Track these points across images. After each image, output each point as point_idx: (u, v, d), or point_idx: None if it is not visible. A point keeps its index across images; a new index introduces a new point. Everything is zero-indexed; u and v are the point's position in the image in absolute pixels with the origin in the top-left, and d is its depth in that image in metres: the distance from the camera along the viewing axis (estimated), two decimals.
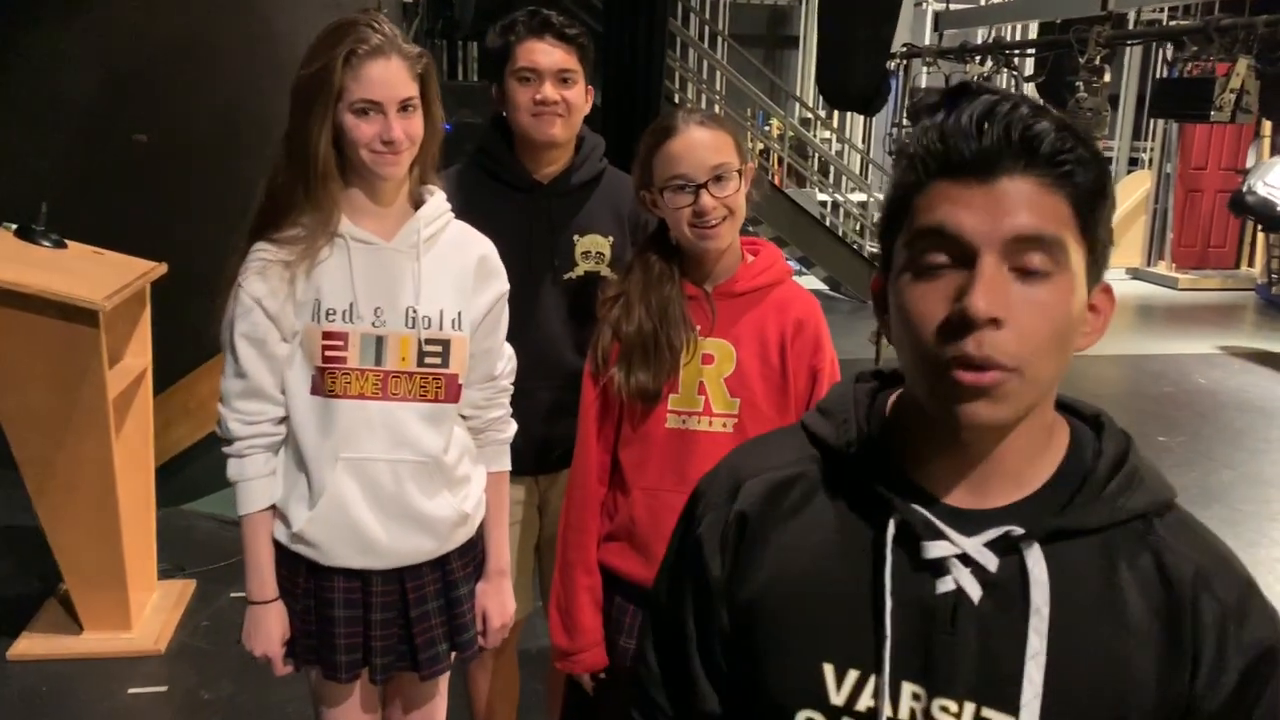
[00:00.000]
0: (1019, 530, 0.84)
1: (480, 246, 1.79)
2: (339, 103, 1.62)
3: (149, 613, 3.45)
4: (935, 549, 0.85)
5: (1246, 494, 4.95)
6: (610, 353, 1.76)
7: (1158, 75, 9.60)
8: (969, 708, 0.83)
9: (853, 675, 0.87)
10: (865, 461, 0.91)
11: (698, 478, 1.66)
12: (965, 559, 0.84)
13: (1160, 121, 10.07)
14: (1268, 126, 8.28)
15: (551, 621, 1.87)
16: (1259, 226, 6.33)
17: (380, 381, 1.70)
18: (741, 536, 0.94)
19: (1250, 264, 10.64)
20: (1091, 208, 0.82)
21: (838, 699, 0.87)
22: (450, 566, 1.82)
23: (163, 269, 3.47)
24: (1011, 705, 0.82)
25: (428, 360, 1.72)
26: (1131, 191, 11.31)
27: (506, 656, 2.41)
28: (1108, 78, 5.30)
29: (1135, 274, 11.05)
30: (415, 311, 1.70)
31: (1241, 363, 7.51)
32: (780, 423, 1.72)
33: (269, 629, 1.76)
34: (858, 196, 10.62)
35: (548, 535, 2.28)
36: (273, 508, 1.75)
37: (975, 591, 0.84)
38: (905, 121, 6.98)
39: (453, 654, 1.86)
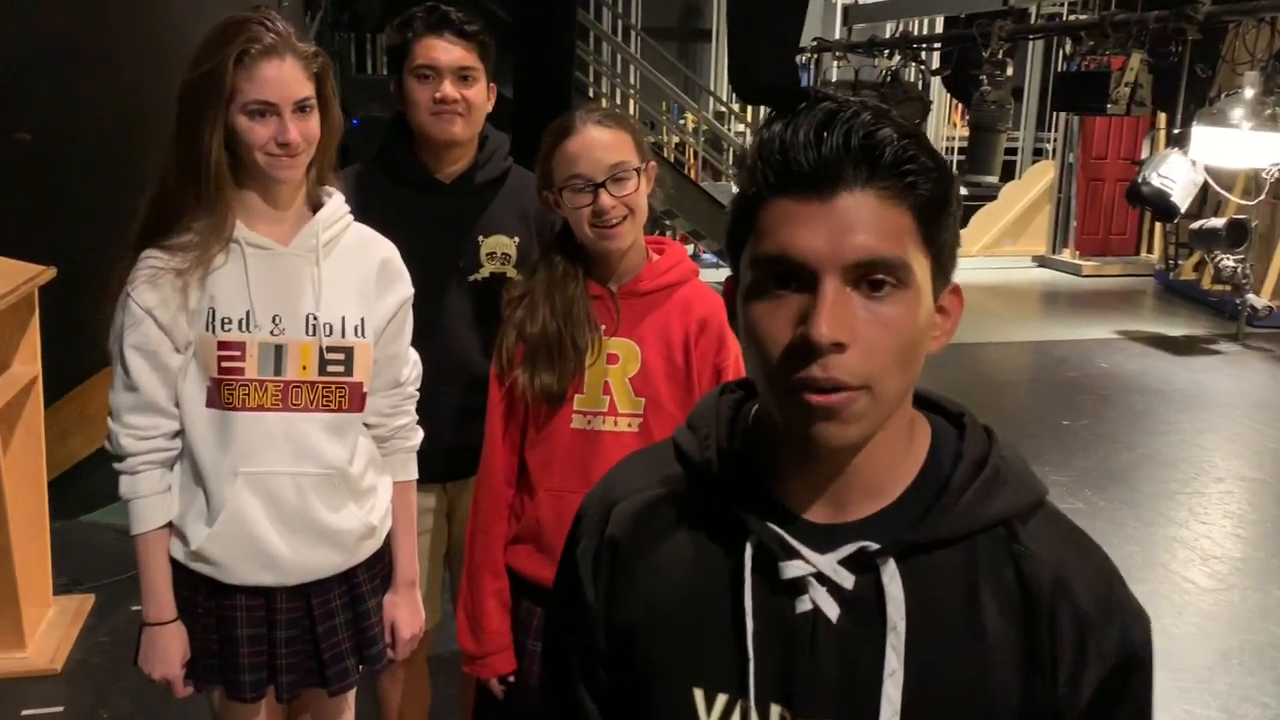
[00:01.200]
0: (874, 546, 0.83)
1: (382, 250, 1.75)
2: (231, 104, 1.56)
3: (44, 629, 3.31)
4: (792, 569, 0.84)
5: (1146, 474, 5.11)
6: (515, 354, 1.74)
7: (1058, 69, 9.86)
8: None
9: (722, 699, 0.86)
10: (725, 480, 0.89)
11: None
12: (821, 578, 0.83)
13: (1062, 113, 10.35)
14: (1163, 119, 8.57)
15: (459, 626, 1.85)
16: (1156, 218, 6.55)
17: (280, 392, 1.64)
18: (615, 561, 0.93)
19: (1150, 250, 11.01)
20: (935, 217, 0.81)
21: None
22: (357, 580, 1.78)
23: (51, 273, 3.33)
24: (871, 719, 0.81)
25: (330, 369, 1.67)
26: (1036, 181, 11.62)
27: (416, 666, 2.37)
28: (1010, 71, 5.42)
29: (1041, 261, 11.34)
30: (316, 318, 1.65)
31: (1141, 347, 7.76)
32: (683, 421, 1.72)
33: (167, 650, 1.70)
34: None
35: (457, 543, 2.24)
36: (169, 525, 1.68)
37: (833, 610, 0.83)
38: None
39: (360, 667, 1.82)
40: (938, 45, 6.36)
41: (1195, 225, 7.87)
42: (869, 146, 0.78)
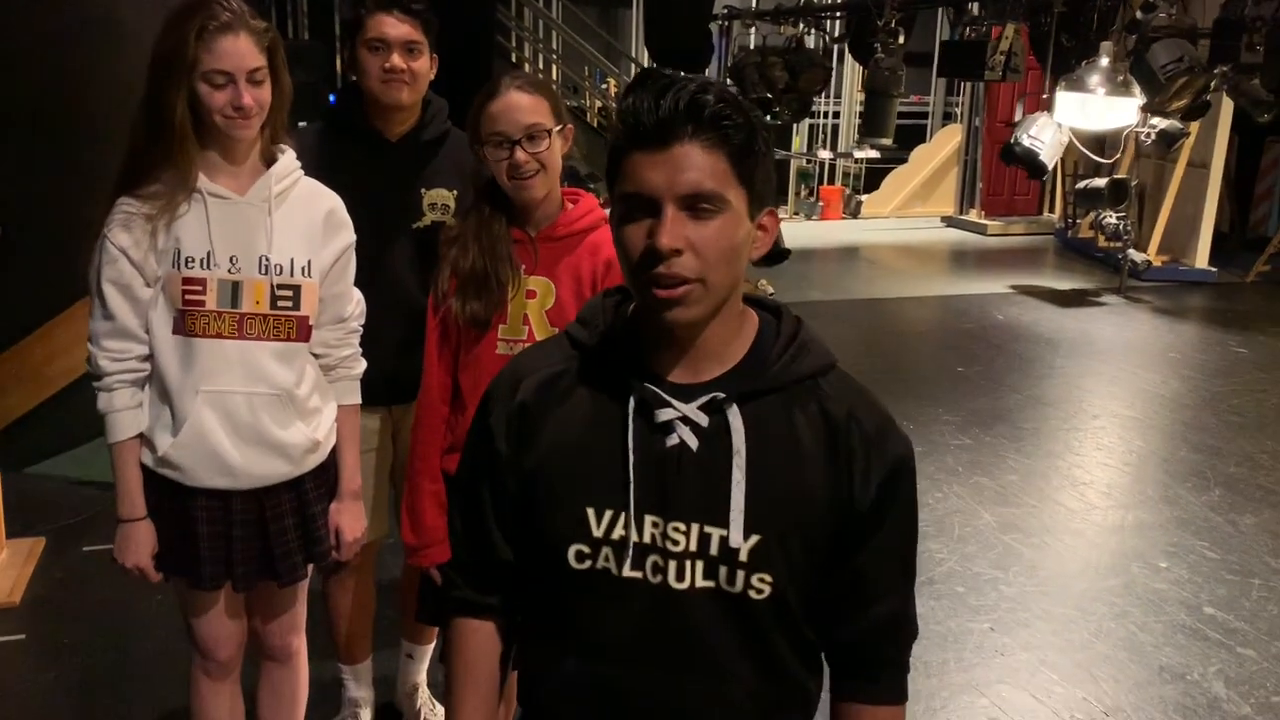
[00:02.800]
0: (721, 395, 1.16)
1: (328, 201, 2.02)
2: (193, 73, 1.81)
3: None
4: (663, 414, 1.16)
5: (1030, 414, 5.56)
6: (449, 286, 2.02)
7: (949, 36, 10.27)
8: (694, 527, 1.15)
9: (608, 514, 1.17)
10: (611, 355, 1.20)
11: None
12: (685, 420, 1.15)
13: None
14: (1038, 84, 9.01)
15: (403, 523, 2.14)
16: (1029, 176, 6.99)
17: (236, 322, 1.91)
18: (523, 420, 1.23)
19: (1051, 210, 11.56)
20: (745, 159, 1.11)
21: (598, 532, 1.17)
22: (305, 488, 2.05)
23: None
24: (723, 521, 1.14)
25: (280, 304, 1.93)
26: (945, 144, 12.09)
27: (363, 576, 2.64)
28: (903, 39, 5.75)
29: (949, 222, 11.83)
30: (268, 260, 1.91)
31: (1035, 300, 8.26)
32: None
33: (138, 544, 1.97)
34: None
35: (402, 461, 2.51)
36: (140, 436, 1.94)
37: (694, 442, 1.15)
38: (730, 81, 7.37)
39: (309, 565, 2.10)
40: (839, 14, 6.69)
41: (1080, 185, 8.37)
42: (693, 108, 1.08)
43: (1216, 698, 3.06)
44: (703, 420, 1.15)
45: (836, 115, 12.40)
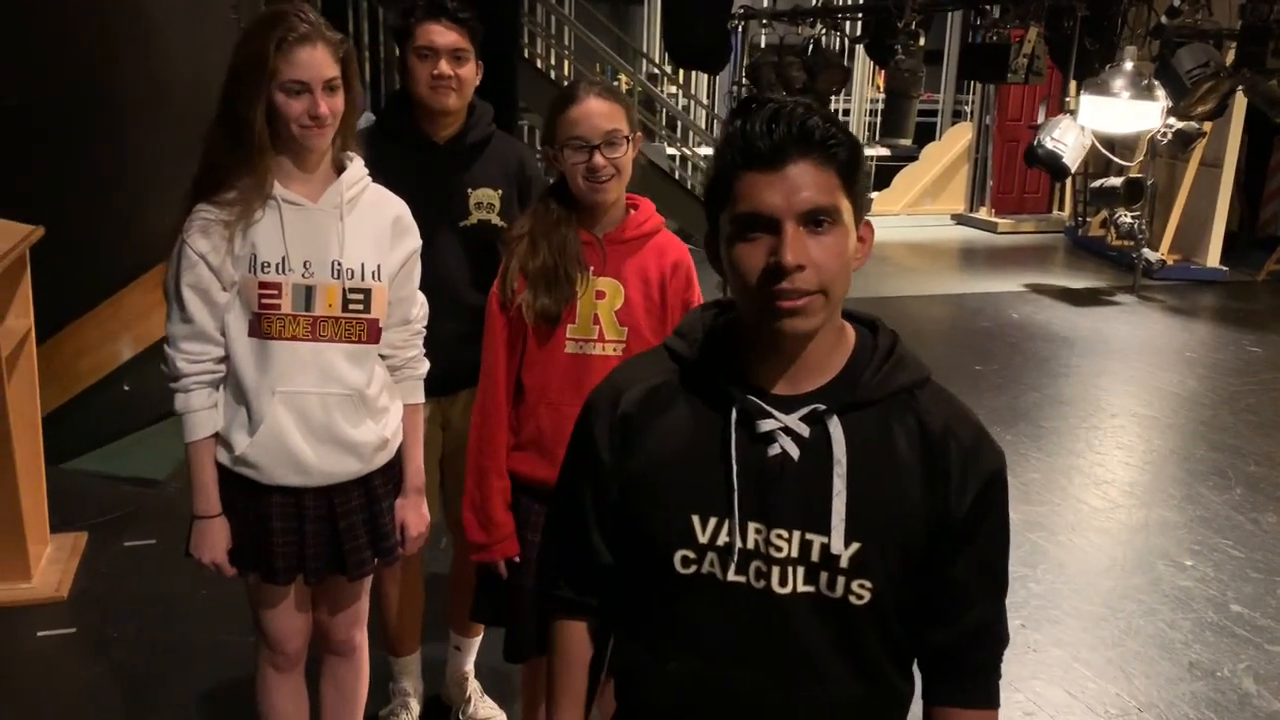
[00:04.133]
0: (822, 407, 1.20)
1: (395, 207, 2.07)
2: (271, 83, 1.86)
3: (45, 564, 3.57)
4: (765, 425, 1.20)
5: (1049, 413, 5.62)
6: (517, 283, 2.06)
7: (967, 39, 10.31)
8: (797, 534, 1.20)
9: (713, 521, 1.22)
10: (711, 367, 1.25)
11: None
12: (787, 430, 1.20)
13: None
14: (1059, 87, 9.06)
15: (466, 522, 2.17)
16: (1051, 178, 7.04)
17: (310, 325, 1.96)
18: (626, 430, 1.28)
19: (1061, 208, 11.60)
20: (852, 174, 1.17)
21: (703, 538, 1.22)
22: (373, 485, 2.11)
23: (41, 232, 3.56)
24: (824, 528, 1.19)
25: (351, 307, 1.99)
26: (955, 142, 12.11)
27: (413, 568, 2.70)
28: (923, 41, 5.80)
29: (959, 220, 11.86)
30: (340, 265, 1.96)
31: (1048, 299, 8.31)
32: None
33: (214, 540, 2.02)
34: (705, 151, 11.03)
35: (450, 450, 2.58)
36: (215, 435, 1.99)
37: (795, 452, 1.20)
38: (745, 80, 7.40)
39: (376, 559, 2.16)
40: (858, 14, 6.73)
41: (1095, 184, 8.41)
42: (805, 131, 1.14)
43: (1247, 694, 3.11)
44: (804, 431, 1.20)
45: (847, 113, 12.44)
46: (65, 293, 4.52)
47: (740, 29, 7.44)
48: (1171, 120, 7.01)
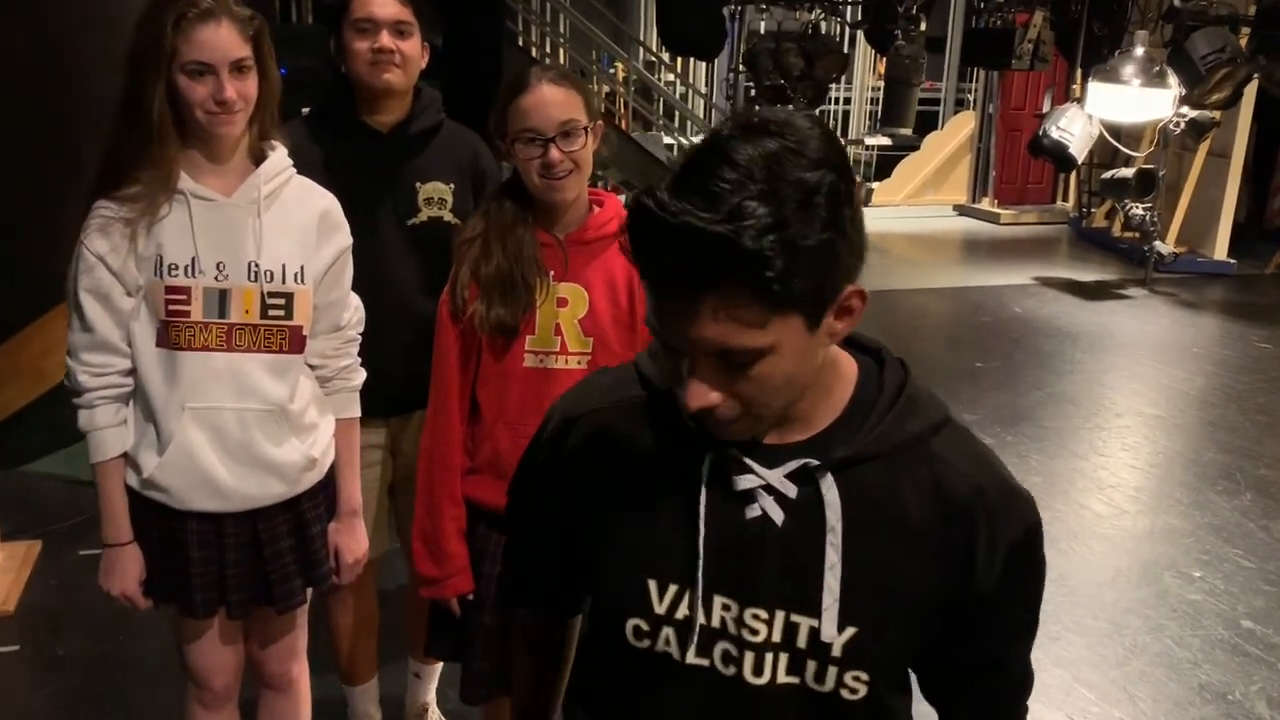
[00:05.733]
0: (814, 462, 0.97)
1: (322, 201, 1.87)
2: (172, 64, 1.67)
3: None
4: (744, 482, 0.98)
5: (1052, 412, 5.41)
6: (469, 291, 1.86)
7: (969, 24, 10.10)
8: (779, 615, 0.98)
9: (672, 589, 1.01)
10: (680, 405, 0.98)
11: None
12: (769, 489, 0.98)
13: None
14: (1064, 74, 8.85)
15: (416, 553, 1.98)
16: (1056, 169, 6.84)
17: (225, 334, 1.77)
18: (577, 466, 1.07)
19: (1065, 199, 11.38)
20: (790, 285, 0.84)
21: (660, 609, 1.01)
22: (302, 508, 1.92)
23: None
24: (814, 609, 0.97)
25: (271, 313, 1.79)
26: (957, 132, 11.88)
27: (365, 593, 2.51)
28: (924, 26, 5.59)
29: (961, 210, 11.64)
30: (257, 266, 1.77)
31: (1053, 292, 8.09)
32: (627, 359, 1.87)
33: (125, 569, 1.84)
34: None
35: (401, 476, 2.38)
36: (124, 455, 1.81)
37: (779, 515, 0.98)
38: (742, 66, 7.20)
39: (308, 589, 1.97)
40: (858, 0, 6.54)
41: (1106, 175, 8.19)
42: (723, 259, 0.82)
43: (1260, 719, 2.92)
44: (790, 491, 0.98)
45: (847, 102, 12.21)
46: (32, 287, 4.36)
47: (738, 15, 7.24)
48: (1185, 109, 6.79)
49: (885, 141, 11.13)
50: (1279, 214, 10.18)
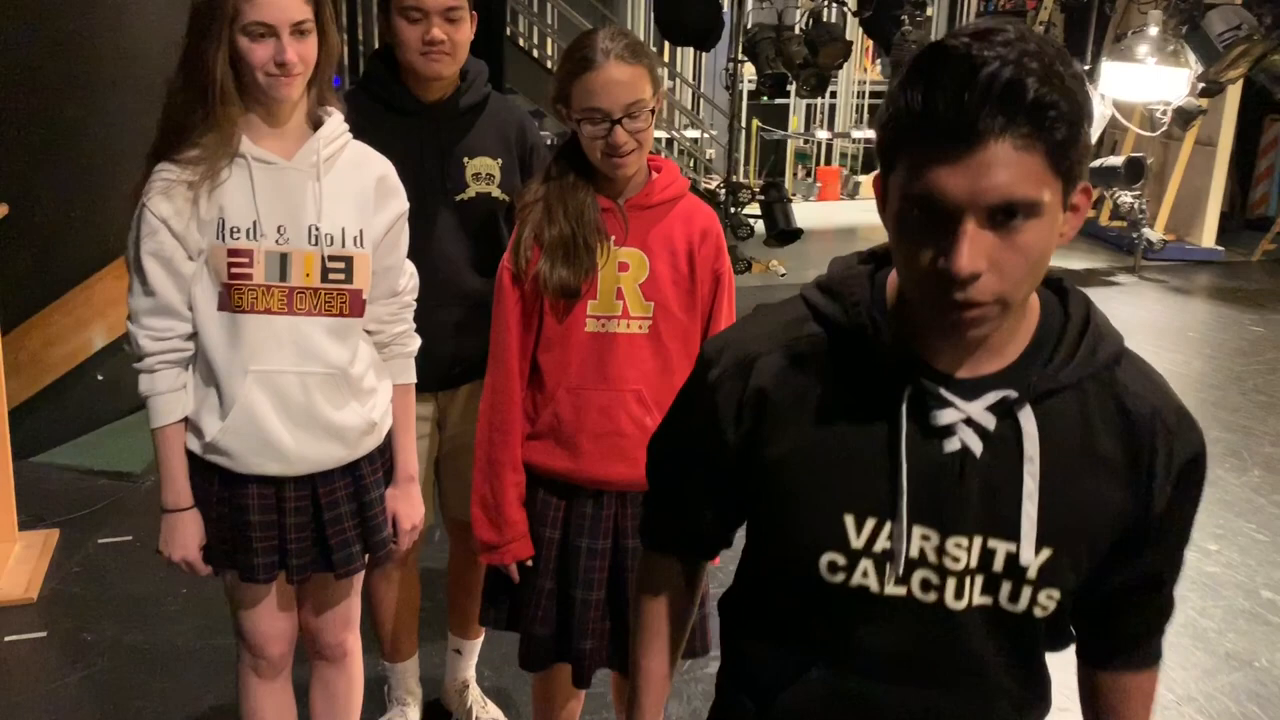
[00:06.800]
0: (1014, 395, 1.00)
1: (379, 166, 1.86)
2: (233, 25, 1.66)
3: (13, 564, 3.37)
4: (944, 416, 1.00)
5: None
6: (532, 253, 1.86)
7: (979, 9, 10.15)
8: (977, 541, 1.01)
9: (870, 522, 1.02)
10: (871, 338, 1.03)
11: (616, 376, 1.84)
12: (969, 422, 1.00)
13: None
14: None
15: (475, 519, 1.97)
16: None
17: (286, 297, 1.76)
18: (762, 407, 1.06)
19: None
20: (1066, 150, 0.89)
21: (857, 543, 1.02)
22: (360, 472, 1.91)
23: (4, 210, 3.36)
24: (1013, 536, 1.00)
25: (331, 276, 1.79)
26: None
27: (408, 569, 2.50)
28: (931, 11, 5.62)
29: None
30: (318, 229, 1.77)
31: None
32: (688, 323, 1.88)
33: (185, 535, 1.83)
34: (692, 133, 10.84)
35: (446, 450, 2.37)
36: (185, 420, 1.80)
37: (978, 447, 1.00)
38: (744, 57, 7.21)
39: (366, 555, 1.97)
40: None
41: (1095, 163, 8.25)
42: (1009, 96, 0.85)
43: None
44: (989, 423, 1.00)
45: (834, 95, 12.24)
46: (33, 279, 4.33)
47: (736, 4, 7.25)
48: (1170, 99, 6.85)
49: (872, 134, 11.16)
50: (1262, 203, 10.29)
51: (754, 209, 7.35)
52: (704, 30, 6.57)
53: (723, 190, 7.57)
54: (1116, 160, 7.87)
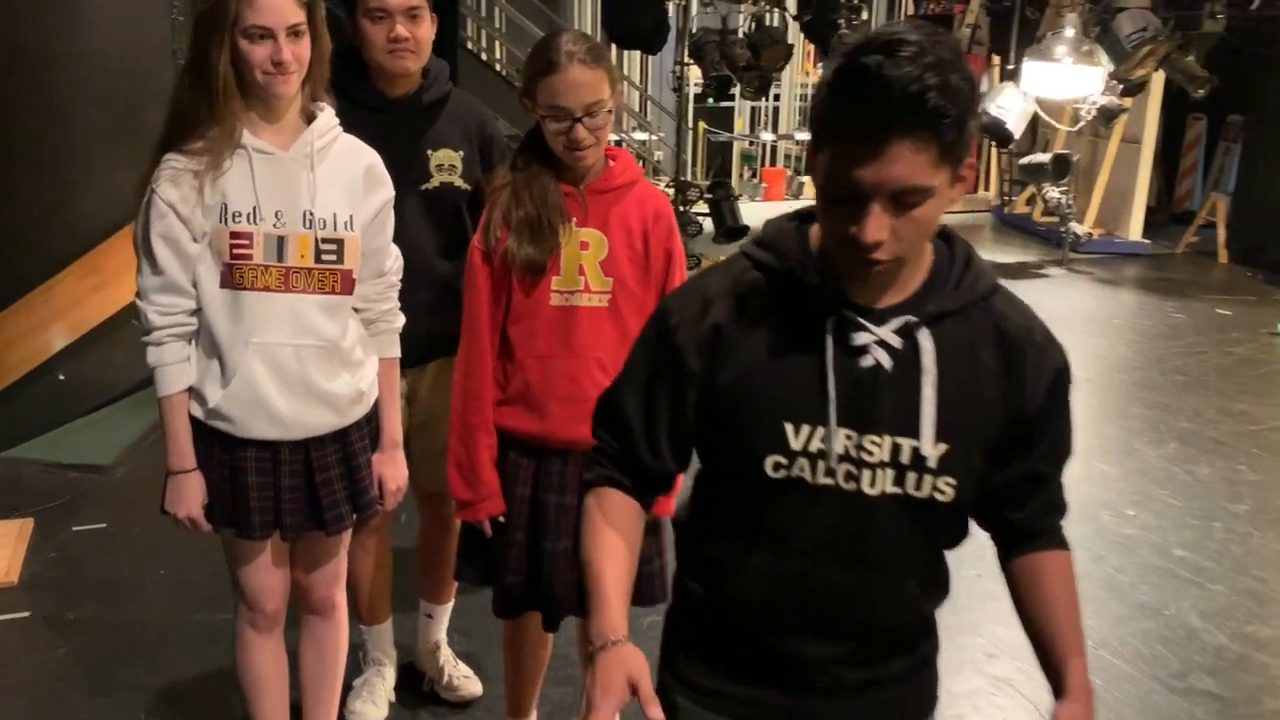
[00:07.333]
0: (914, 318, 1.24)
1: (367, 157, 2.05)
2: (234, 28, 1.84)
3: None
4: (860, 339, 1.24)
5: None
6: (500, 233, 2.05)
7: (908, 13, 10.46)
8: (888, 439, 1.24)
9: (805, 429, 1.25)
10: (800, 280, 1.27)
11: (580, 345, 2.04)
12: (880, 343, 1.24)
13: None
14: (997, 60, 9.26)
15: (451, 480, 2.15)
16: (993, 144, 7.19)
17: (283, 276, 1.94)
18: (717, 340, 1.29)
19: (987, 189, 11.85)
20: (955, 145, 1.12)
21: (796, 445, 1.26)
22: (350, 438, 2.09)
23: None
24: (916, 433, 1.24)
25: (324, 257, 1.97)
26: None
27: (382, 537, 2.68)
28: (866, 15, 5.89)
29: None
30: (312, 214, 1.95)
31: None
32: (644, 296, 2.08)
33: (190, 494, 1.99)
34: (640, 136, 11.05)
35: (417, 424, 2.54)
36: (189, 390, 1.97)
37: (888, 363, 1.24)
38: (690, 60, 7.44)
39: (355, 514, 2.14)
40: None
41: (1024, 160, 8.62)
42: (910, 107, 1.07)
43: (1194, 629, 3.24)
44: (895, 342, 1.24)
45: (778, 98, 12.53)
46: None
47: (681, 9, 7.48)
48: (1096, 98, 7.20)
49: None
50: (1187, 198, 10.75)
51: (702, 207, 7.59)
52: (650, 34, 6.80)
53: (671, 189, 7.79)
54: (1044, 157, 8.23)
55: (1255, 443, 4.84)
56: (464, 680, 2.83)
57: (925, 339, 1.24)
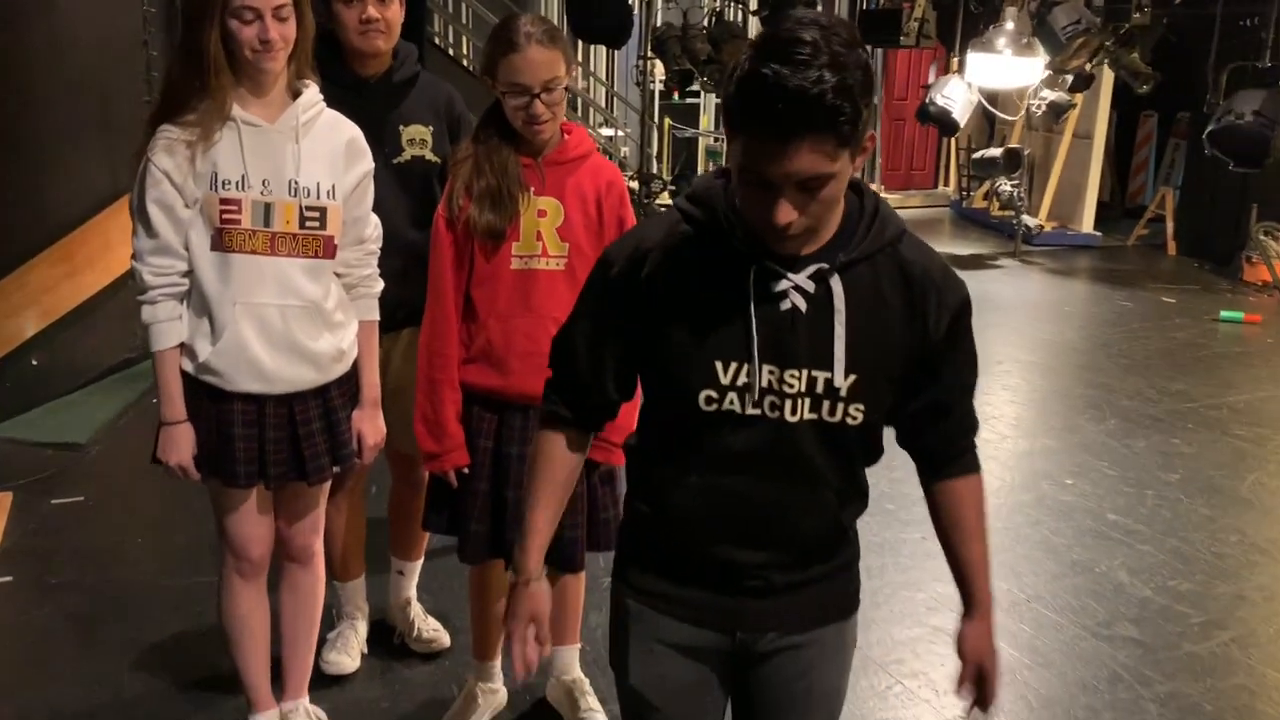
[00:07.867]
0: (826, 266, 1.40)
1: (349, 130, 2.21)
2: (224, 10, 1.99)
3: None
4: (779, 285, 1.40)
5: None
6: (463, 202, 2.21)
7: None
8: (805, 372, 1.41)
9: (733, 365, 1.41)
10: (730, 233, 1.41)
11: (539, 305, 2.22)
12: (797, 288, 1.40)
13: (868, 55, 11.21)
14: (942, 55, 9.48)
15: (418, 434, 2.31)
16: (941, 133, 7.42)
17: (269, 240, 2.09)
18: (651, 287, 1.45)
19: (946, 184, 12.12)
20: (850, 134, 1.25)
21: (725, 380, 1.41)
22: (330, 395, 2.24)
23: None
24: (829, 366, 1.40)
25: (308, 224, 2.12)
26: None
27: (355, 496, 2.84)
28: (820, 8, 6.08)
29: None
30: (296, 183, 2.10)
31: None
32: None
33: (180, 443, 2.14)
34: (606, 131, 11.19)
35: (390, 389, 2.66)
36: (180, 346, 2.11)
37: (804, 305, 1.40)
38: (651, 54, 7.61)
39: (335, 466, 2.30)
40: None
41: (978, 154, 8.87)
42: (809, 112, 1.20)
43: (1121, 584, 3.46)
44: (810, 287, 1.40)
45: None
46: None
47: (645, 4, 7.65)
48: (1046, 93, 7.46)
49: None
50: (1139, 193, 11.07)
51: (666, 199, 7.77)
52: (614, 29, 6.96)
53: (635, 182, 7.97)
54: (995, 152, 8.49)
55: (1190, 419, 5.09)
56: (434, 633, 2.98)
57: (836, 284, 1.39)
